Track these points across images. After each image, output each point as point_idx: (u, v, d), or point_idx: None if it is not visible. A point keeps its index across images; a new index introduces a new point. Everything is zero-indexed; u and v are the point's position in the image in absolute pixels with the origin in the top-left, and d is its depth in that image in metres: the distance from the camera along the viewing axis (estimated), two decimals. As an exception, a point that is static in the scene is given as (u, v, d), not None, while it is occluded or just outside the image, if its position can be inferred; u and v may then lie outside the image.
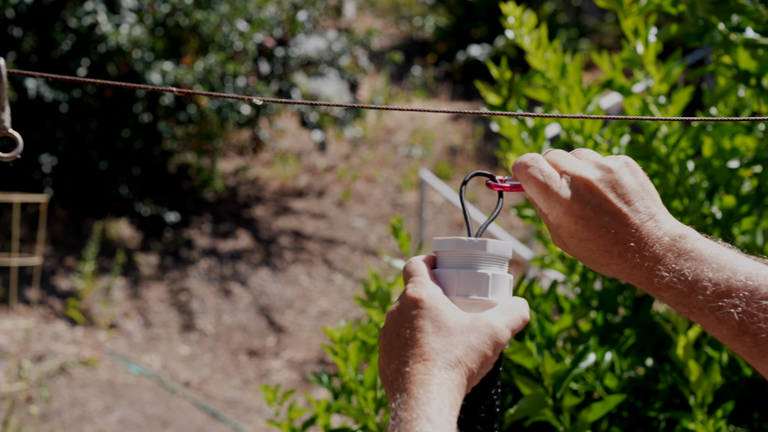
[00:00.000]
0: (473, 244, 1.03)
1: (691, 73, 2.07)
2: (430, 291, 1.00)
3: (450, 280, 1.02)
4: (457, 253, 1.03)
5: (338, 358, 1.94)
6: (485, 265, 1.03)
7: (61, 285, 6.30)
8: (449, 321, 0.98)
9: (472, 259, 1.03)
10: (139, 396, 5.32)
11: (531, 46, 2.18)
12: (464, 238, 1.04)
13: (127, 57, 6.52)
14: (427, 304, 0.99)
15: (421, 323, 0.98)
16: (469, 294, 1.02)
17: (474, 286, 1.02)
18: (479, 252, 1.03)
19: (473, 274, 1.02)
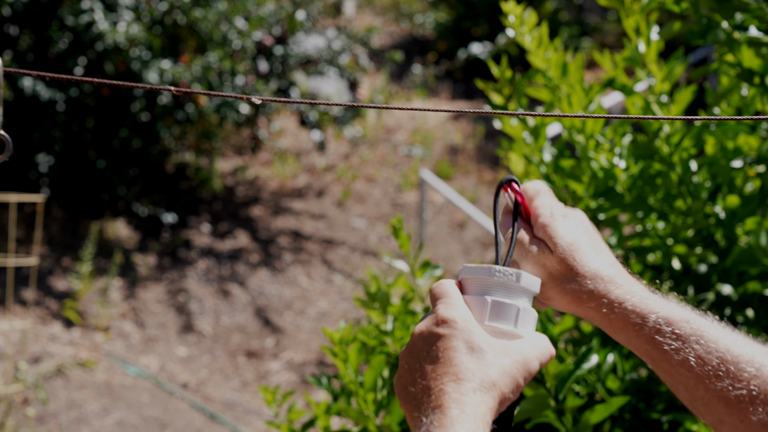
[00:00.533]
0: (508, 276, 1.05)
1: (694, 72, 2.07)
2: (462, 313, 1.01)
3: (480, 307, 1.04)
4: (489, 281, 1.05)
5: (338, 360, 1.94)
6: (516, 297, 1.05)
7: (58, 286, 6.30)
8: (483, 343, 0.99)
9: (505, 290, 1.05)
10: (137, 398, 5.32)
11: (532, 45, 2.19)
12: (499, 268, 1.05)
13: (125, 55, 6.52)
14: (460, 325, 0.99)
15: (455, 343, 0.98)
16: (499, 324, 1.03)
17: (504, 316, 1.03)
18: (512, 284, 1.05)
19: (504, 305, 1.04)
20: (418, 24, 11.74)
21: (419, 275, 2.14)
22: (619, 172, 2.19)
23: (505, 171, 8.53)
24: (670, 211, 2.17)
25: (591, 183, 2.21)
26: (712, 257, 2.21)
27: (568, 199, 2.26)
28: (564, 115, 1.05)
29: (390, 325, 2.08)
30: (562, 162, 2.24)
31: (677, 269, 2.22)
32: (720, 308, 2.20)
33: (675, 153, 2.11)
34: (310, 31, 7.73)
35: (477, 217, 6.37)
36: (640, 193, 2.18)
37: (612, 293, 1.07)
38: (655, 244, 2.21)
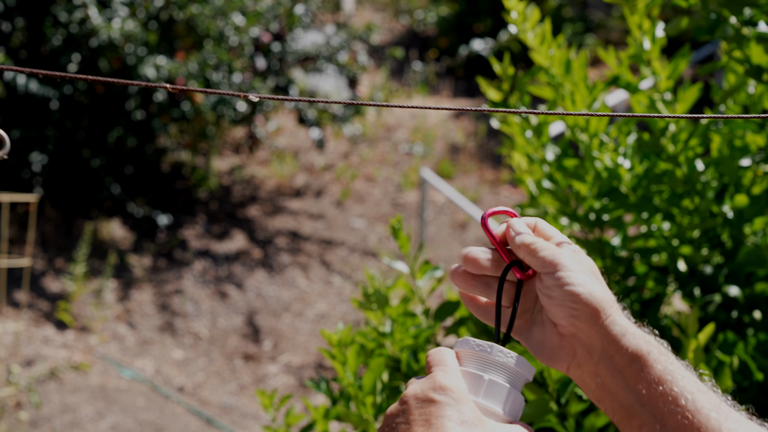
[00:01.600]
0: (508, 358, 1.06)
1: (701, 69, 2.07)
2: (459, 385, 1.02)
3: (476, 383, 1.05)
4: (488, 359, 1.06)
5: (336, 362, 1.94)
6: (509, 380, 1.07)
7: (51, 287, 6.29)
8: (475, 419, 1.00)
9: (502, 371, 1.06)
10: (132, 401, 5.32)
11: (535, 42, 2.18)
12: (501, 348, 1.07)
13: (120, 52, 6.51)
14: (457, 396, 1.01)
15: (449, 412, 0.99)
16: (490, 403, 1.04)
17: (496, 397, 1.05)
18: (510, 366, 1.06)
19: (498, 386, 1.05)
20: (418, 20, 11.74)
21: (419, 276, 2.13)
22: (624, 172, 2.19)
23: (507, 170, 8.53)
24: (675, 211, 2.17)
25: (595, 183, 2.21)
26: (719, 258, 2.21)
27: (572, 200, 2.26)
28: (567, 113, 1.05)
29: (389, 327, 2.08)
30: (565, 161, 2.24)
31: (683, 271, 2.22)
32: (727, 310, 2.19)
33: (681, 152, 2.11)
34: (308, 28, 7.73)
35: (479, 217, 6.37)
36: (645, 193, 2.18)
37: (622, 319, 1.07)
38: (661, 245, 2.21)
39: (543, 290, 1.08)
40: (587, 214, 2.23)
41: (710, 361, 1.91)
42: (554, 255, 1.07)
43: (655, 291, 2.26)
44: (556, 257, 1.07)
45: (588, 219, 2.22)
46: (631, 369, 1.03)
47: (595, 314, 1.05)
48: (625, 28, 11.22)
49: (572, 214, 2.24)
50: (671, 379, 1.02)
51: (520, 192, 8.17)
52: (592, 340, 1.06)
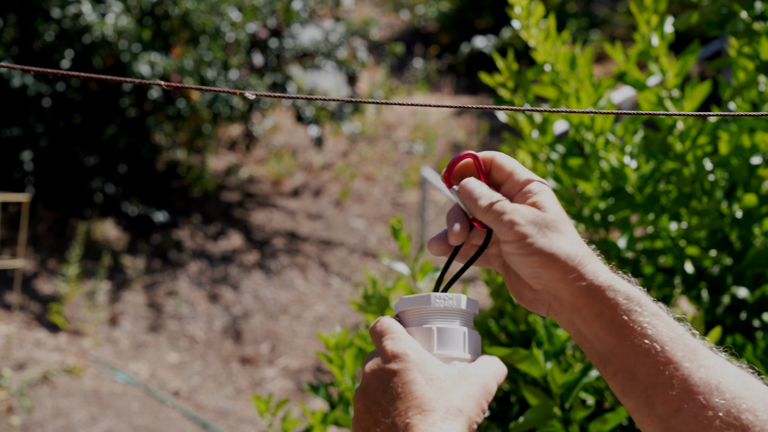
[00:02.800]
0: (448, 301, 1.06)
1: (709, 65, 2.06)
2: (411, 345, 1.02)
3: (426, 337, 1.05)
4: (429, 309, 1.06)
5: (334, 366, 1.94)
6: (459, 322, 1.07)
7: (44, 289, 6.29)
8: (439, 372, 1.00)
9: (447, 315, 1.06)
10: (126, 406, 5.32)
11: (539, 38, 2.18)
12: (439, 295, 1.07)
13: (113, 48, 6.51)
14: (413, 357, 1.01)
15: (412, 376, 0.99)
16: (448, 350, 1.05)
17: (451, 342, 1.05)
18: (454, 308, 1.07)
19: (449, 331, 1.05)
20: (419, 16, 11.73)
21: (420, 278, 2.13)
22: (630, 171, 2.18)
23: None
24: (683, 211, 2.16)
25: (600, 182, 2.21)
26: (727, 259, 2.21)
27: (577, 199, 2.25)
28: (572, 111, 1.05)
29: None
30: (570, 160, 2.23)
31: (690, 272, 2.21)
32: (735, 312, 2.19)
33: (689, 151, 2.10)
34: (306, 23, 7.73)
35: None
36: (652, 192, 2.17)
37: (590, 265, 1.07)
38: (667, 246, 2.20)
39: (505, 255, 1.07)
40: (592, 215, 2.22)
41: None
42: (511, 221, 1.05)
43: (661, 293, 2.25)
44: (513, 224, 1.05)
45: (593, 219, 2.22)
46: (600, 321, 1.04)
47: (559, 274, 1.05)
48: (630, 23, 11.22)
49: (577, 215, 2.24)
50: (641, 330, 1.03)
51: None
52: (561, 295, 1.06)
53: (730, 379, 1.02)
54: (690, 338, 1.04)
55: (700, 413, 1.00)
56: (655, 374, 1.02)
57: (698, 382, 1.01)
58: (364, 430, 1.01)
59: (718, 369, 1.02)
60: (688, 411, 1.01)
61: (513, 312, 2.14)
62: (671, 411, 1.02)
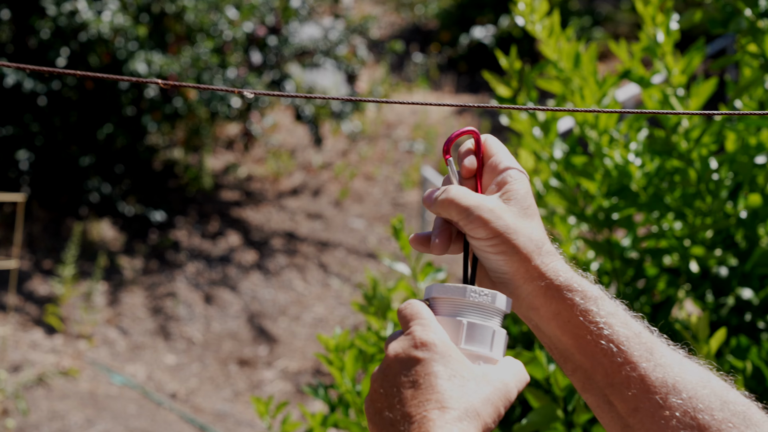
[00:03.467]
0: (483, 296, 1.05)
1: (714, 63, 2.06)
2: (441, 336, 1.01)
3: (455, 329, 1.04)
4: (463, 302, 1.05)
5: (333, 368, 1.93)
6: (490, 319, 1.05)
7: (39, 290, 6.29)
8: (464, 370, 0.99)
9: (479, 311, 1.05)
10: (123, 408, 5.31)
11: (543, 34, 2.18)
12: (474, 288, 1.05)
13: (110, 46, 6.51)
14: (441, 350, 0.99)
15: (436, 369, 0.98)
16: (474, 347, 1.03)
17: (479, 339, 1.04)
18: (487, 305, 1.05)
19: (479, 327, 1.04)
20: (419, 14, 11.74)
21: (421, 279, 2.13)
22: (634, 170, 2.18)
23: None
24: (688, 211, 2.16)
25: (604, 181, 2.20)
26: (732, 260, 2.21)
27: (580, 199, 2.25)
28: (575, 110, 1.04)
29: (390, 332, 2.08)
30: (573, 159, 2.23)
31: (695, 272, 2.21)
32: (740, 314, 2.19)
33: (694, 149, 2.10)
34: (305, 21, 7.73)
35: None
36: (657, 191, 2.17)
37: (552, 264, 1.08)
38: (672, 246, 2.20)
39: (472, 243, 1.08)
40: (596, 214, 2.22)
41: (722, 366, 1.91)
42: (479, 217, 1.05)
43: (666, 293, 2.25)
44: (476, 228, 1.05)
45: (597, 219, 2.22)
46: (557, 321, 1.05)
47: (519, 269, 1.06)
48: (634, 21, 11.23)
49: (580, 214, 2.24)
50: (597, 331, 1.04)
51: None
52: (519, 292, 1.07)
53: (687, 377, 1.03)
54: (647, 336, 1.05)
55: (657, 413, 1.01)
56: (613, 374, 1.03)
57: (655, 381, 1.02)
58: (376, 410, 1.00)
59: (675, 367, 1.03)
60: (645, 410, 1.02)
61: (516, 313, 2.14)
62: (629, 410, 1.03)
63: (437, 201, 1.07)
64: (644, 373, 1.02)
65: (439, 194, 1.08)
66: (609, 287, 2.26)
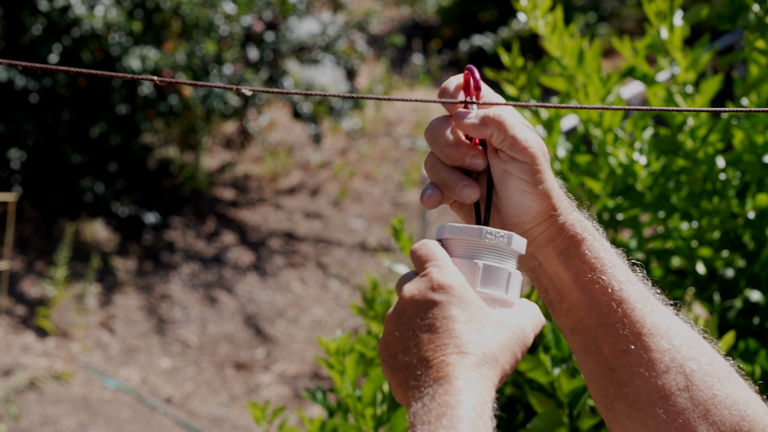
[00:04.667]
0: (499, 238, 1.05)
1: (721, 60, 2.07)
2: (458, 278, 1.01)
3: (471, 271, 1.03)
4: (479, 243, 1.05)
5: (334, 372, 1.94)
6: (505, 261, 1.05)
7: (31, 292, 6.29)
8: (481, 314, 0.99)
9: (494, 253, 1.05)
10: (117, 413, 5.32)
11: (546, 31, 2.18)
12: (490, 230, 1.05)
13: (103, 42, 6.51)
14: (458, 293, 0.99)
15: (454, 312, 0.98)
16: (490, 290, 1.03)
17: (495, 282, 1.04)
18: (503, 246, 1.05)
19: (495, 269, 1.04)
20: (420, 8, 11.73)
21: (422, 280, 2.13)
22: (640, 169, 2.18)
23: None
24: (694, 211, 2.17)
25: (609, 180, 2.21)
26: (740, 261, 2.21)
27: (584, 198, 2.26)
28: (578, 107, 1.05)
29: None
30: (577, 158, 2.23)
31: (702, 274, 2.22)
32: (748, 316, 2.19)
33: (700, 148, 2.10)
34: (303, 16, 7.73)
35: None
36: (662, 191, 2.17)
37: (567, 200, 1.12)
38: (679, 247, 2.20)
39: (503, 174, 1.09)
40: (601, 214, 2.22)
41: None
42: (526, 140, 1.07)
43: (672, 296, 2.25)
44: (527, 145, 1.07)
45: (601, 219, 2.22)
46: (563, 256, 1.08)
47: (543, 209, 1.08)
48: (639, 17, 11.23)
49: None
50: (601, 267, 1.07)
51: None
52: (533, 230, 1.09)
53: (678, 329, 1.06)
54: (644, 286, 1.09)
55: (647, 355, 1.04)
56: (608, 312, 1.06)
57: (649, 324, 1.05)
58: (391, 353, 1.00)
59: (668, 317, 1.07)
60: (634, 352, 1.05)
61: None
62: (617, 352, 1.05)
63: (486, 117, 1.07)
64: (641, 315, 1.05)
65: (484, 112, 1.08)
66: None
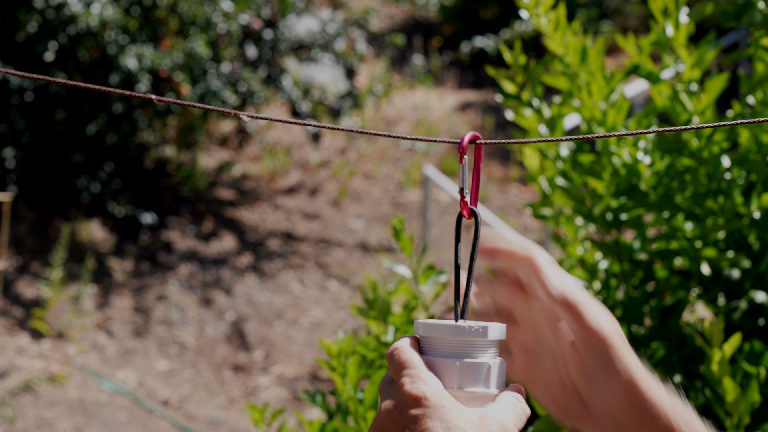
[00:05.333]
0: (473, 332, 1.02)
1: (726, 58, 2.07)
2: (432, 386, 0.99)
3: (448, 371, 1.02)
4: (454, 341, 1.03)
5: (335, 374, 1.93)
6: (484, 353, 1.03)
7: (26, 293, 6.29)
8: (459, 420, 0.98)
9: (471, 347, 1.03)
10: (113, 416, 5.32)
11: (548, 28, 2.18)
12: (465, 326, 1.03)
13: (99, 40, 6.51)
14: (433, 402, 0.98)
15: (429, 424, 0.97)
16: (470, 386, 1.02)
17: (474, 377, 1.02)
18: (480, 341, 1.03)
19: (473, 365, 1.02)
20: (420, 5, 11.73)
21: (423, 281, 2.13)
22: (644, 168, 2.18)
23: (516, 167, 8.52)
24: (699, 211, 2.17)
25: (612, 180, 2.21)
26: (746, 262, 2.21)
27: (587, 198, 2.25)
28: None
29: (391, 336, 2.08)
30: (580, 157, 2.23)
31: (707, 275, 2.21)
32: (753, 317, 2.19)
33: (705, 147, 2.10)
34: (302, 13, 7.73)
35: (486, 217, 6.37)
36: (667, 191, 2.17)
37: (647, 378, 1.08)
38: (683, 247, 2.20)
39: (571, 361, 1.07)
40: (604, 214, 2.22)
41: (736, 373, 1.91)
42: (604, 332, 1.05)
43: (676, 297, 2.25)
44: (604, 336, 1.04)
45: (605, 219, 2.22)
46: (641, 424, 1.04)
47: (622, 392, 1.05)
48: (642, 14, 11.23)
49: (588, 214, 2.24)
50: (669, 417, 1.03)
51: (531, 190, 8.17)
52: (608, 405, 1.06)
53: None
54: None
55: None
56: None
57: None
58: None
59: None
60: None
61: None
62: None
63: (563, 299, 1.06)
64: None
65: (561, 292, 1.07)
66: (617, 290, 2.26)
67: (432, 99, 9.75)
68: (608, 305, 2.22)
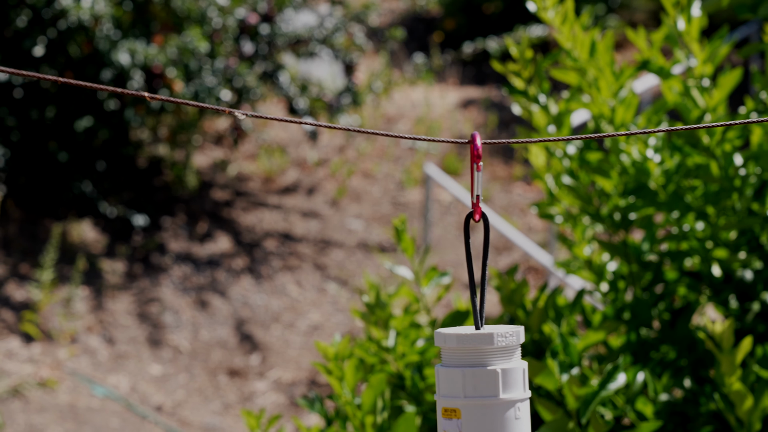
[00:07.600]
0: (510, 337, 1.06)
1: (740, 52, 2.06)
2: None
3: (490, 379, 1.05)
4: (490, 349, 1.06)
5: (333, 378, 1.93)
6: (516, 356, 1.07)
7: (15, 296, 6.29)
8: None
9: (508, 353, 1.06)
10: (105, 422, 5.31)
11: (556, 21, 2.17)
12: (500, 331, 1.06)
13: (90, 35, 6.50)
14: None
15: None
16: (510, 393, 1.05)
17: (514, 383, 1.06)
18: (514, 344, 1.06)
19: (513, 371, 1.06)
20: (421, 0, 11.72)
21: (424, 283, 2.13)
22: (653, 166, 2.18)
23: (520, 165, 8.52)
24: (710, 210, 2.16)
25: (621, 179, 2.20)
26: (758, 263, 2.20)
27: (595, 197, 2.25)
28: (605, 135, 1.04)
29: (392, 341, 2.07)
30: (588, 155, 2.23)
31: (718, 276, 2.21)
32: (766, 320, 2.19)
33: (717, 144, 2.10)
34: (300, 7, 7.73)
35: (489, 218, 6.36)
36: (677, 189, 2.17)
37: None
38: (693, 248, 2.20)
39: None
40: (612, 214, 2.22)
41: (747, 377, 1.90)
42: None
43: (686, 299, 2.25)
44: None
45: (613, 219, 2.22)
46: None
47: None
48: (650, 8, 11.23)
49: (595, 214, 2.24)
50: None
51: (535, 189, 8.17)
52: None
53: None
54: None
55: None
56: None
57: None
58: None
59: None
60: None
61: (525, 320, 2.14)
62: None
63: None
64: None
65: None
66: (625, 292, 2.26)
67: (433, 96, 9.75)
68: (616, 308, 2.21)
